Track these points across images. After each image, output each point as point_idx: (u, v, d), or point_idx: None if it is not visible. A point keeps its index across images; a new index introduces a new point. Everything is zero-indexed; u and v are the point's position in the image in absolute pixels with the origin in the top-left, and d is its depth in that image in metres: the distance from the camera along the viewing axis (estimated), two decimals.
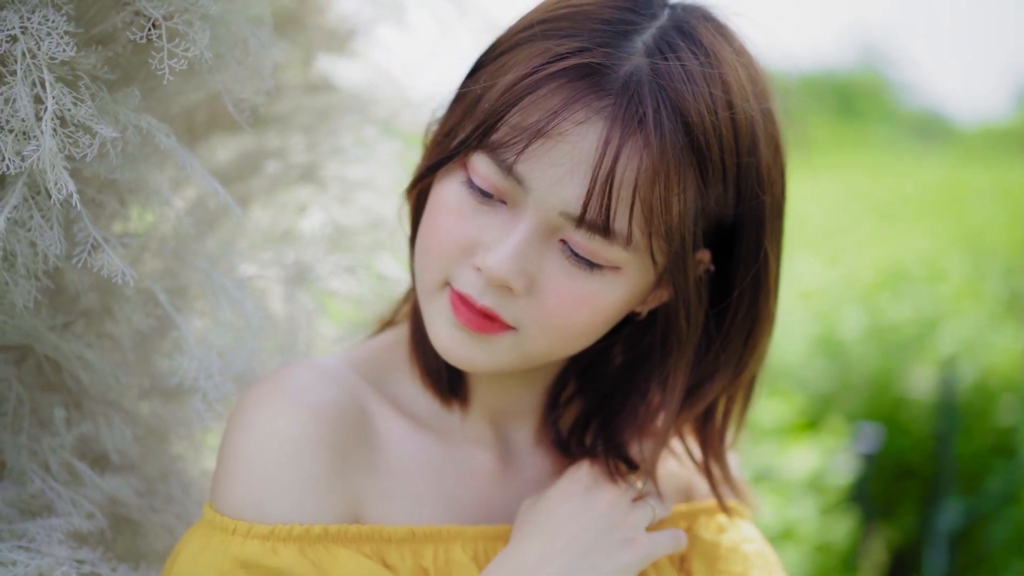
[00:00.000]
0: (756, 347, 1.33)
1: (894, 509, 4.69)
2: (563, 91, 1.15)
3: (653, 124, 1.14)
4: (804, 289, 5.47)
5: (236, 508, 1.22)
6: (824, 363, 4.74)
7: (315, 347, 1.65)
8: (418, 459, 1.32)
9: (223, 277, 1.42)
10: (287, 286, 1.62)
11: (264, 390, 1.26)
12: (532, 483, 1.39)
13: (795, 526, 3.13)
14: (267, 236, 1.66)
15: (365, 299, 1.68)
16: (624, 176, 1.14)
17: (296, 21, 1.69)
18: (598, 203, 1.14)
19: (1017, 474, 4.79)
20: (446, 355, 1.26)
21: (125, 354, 1.42)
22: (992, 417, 4.77)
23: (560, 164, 1.15)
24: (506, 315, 1.21)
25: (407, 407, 1.34)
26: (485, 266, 1.18)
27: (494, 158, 1.18)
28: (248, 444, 1.23)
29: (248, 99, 1.38)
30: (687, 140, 1.16)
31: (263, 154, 1.69)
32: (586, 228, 1.16)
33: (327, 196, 1.68)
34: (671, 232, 1.17)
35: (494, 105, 1.18)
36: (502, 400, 1.37)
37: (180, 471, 1.48)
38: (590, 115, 1.15)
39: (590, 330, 1.25)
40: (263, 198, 1.69)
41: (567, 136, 1.15)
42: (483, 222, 1.21)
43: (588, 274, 1.20)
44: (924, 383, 4.71)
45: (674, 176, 1.15)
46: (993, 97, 75.40)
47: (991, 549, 4.61)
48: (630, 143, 1.14)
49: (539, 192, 1.17)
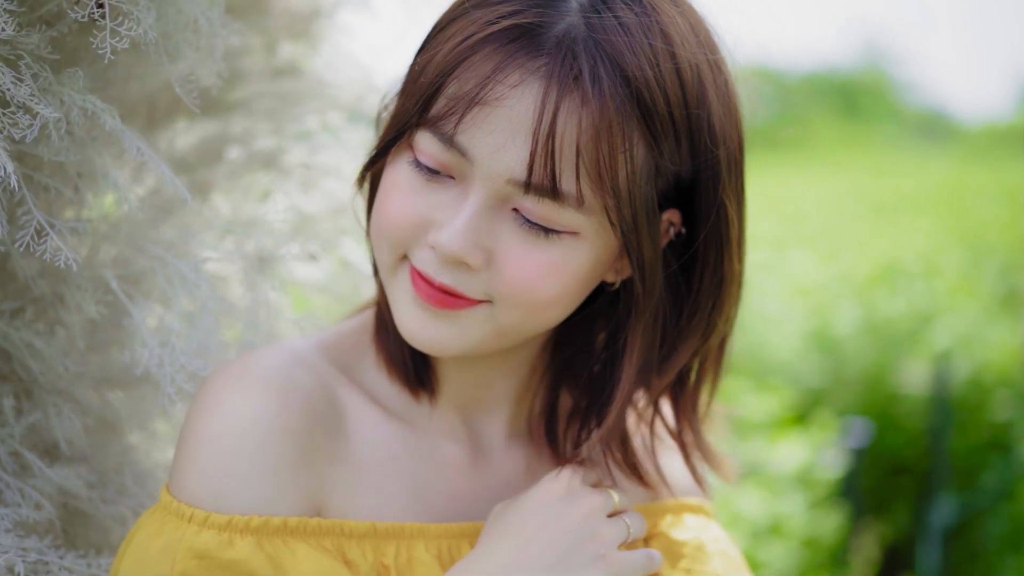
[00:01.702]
0: (724, 307, 1.29)
1: (887, 504, 4.68)
2: (496, 55, 1.13)
3: (590, 80, 1.11)
4: (800, 285, 5.45)
5: (193, 495, 1.18)
6: (818, 358, 4.73)
7: (277, 335, 1.62)
8: (387, 450, 1.28)
9: (179, 262, 1.39)
10: (248, 273, 1.59)
11: (230, 374, 1.23)
12: (503, 479, 1.35)
13: (783, 521, 3.10)
14: (229, 223, 1.64)
15: (328, 286, 1.65)
16: (565, 135, 1.11)
17: (259, 5, 1.66)
18: (542, 166, 1.12)
19: (1012, 470, 4.78)
20: (412, 339, 1.22)
21: (76, 343, 1.40)
22: (987, 412, 4.76)
23: (500, 130, 1.13)
24: (468, 290, 1.18)
25: (376, 395, 1.31)
26: (438, 243, 1.16)
27: (435, 133, 1.16)
28: (209, 429, 1.19)
29: (200, 82, 1.35)
30: (628, 94, 1.13)
31: (226, 140, 1.66)
32: (534, 193, 1.14)
33: (290, 182, 1.65)
34: (622, 190, 1.14)
35: (430, 79, 1.16)
36: (472, 392, 1.34)
37: (134, 462, 1.45)
38: (525, 76, 1.12)
39: (559, 301, 1.21)
40: (226, 184, 1.66)
41: (504, 101, 1.12)
42: (433, 200, 1.18)
43: (546, 241, 1.17)
44: (918, 378, 4.69)
45: (618, 131, 1.12)
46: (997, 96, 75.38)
47: (985, 545, 4.59)
48: (567, 101, 1.11)
49: (483, 161, 1.14)
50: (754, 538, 2.90)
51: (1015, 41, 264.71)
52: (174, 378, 1.30)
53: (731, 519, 2.90)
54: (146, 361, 1.31)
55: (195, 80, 1.34)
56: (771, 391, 3.86)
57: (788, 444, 3.35)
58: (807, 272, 5.66)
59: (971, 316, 5.07)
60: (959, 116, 49.33)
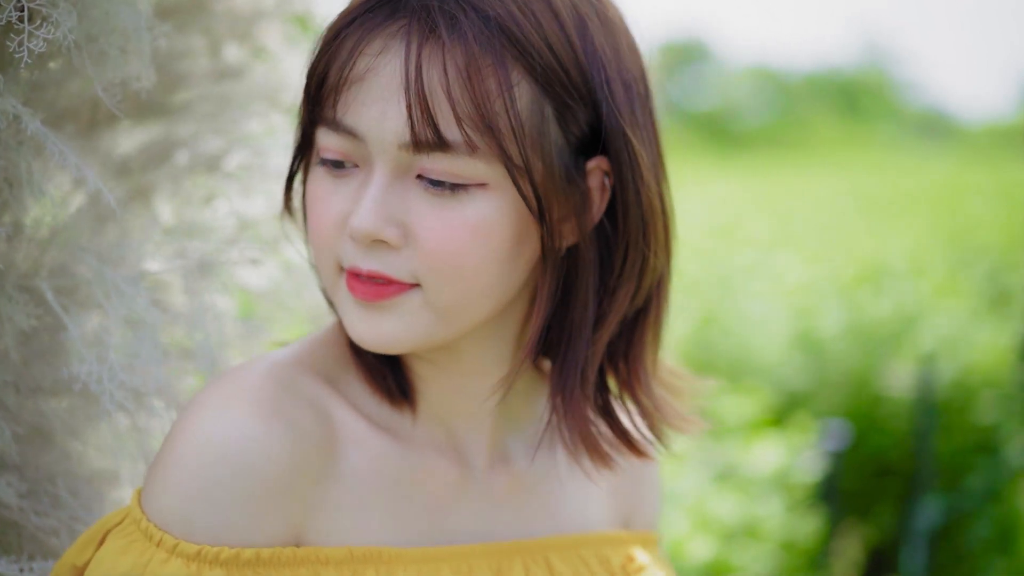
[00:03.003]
0: (651, 243, 1.25)
1: (872, 506, 4.66)
2: (359, 31, 1.15)
3: (449, 28, 1.12)
4: (787, 286, 5.44)
5: (163, 516, 1.15)
6: (803, 360, 4.72)
7: (221, 341, 1.61)
8: (374, 464, 1.25)
9: (114, 274, 1.37)
10: (190, 278, 1.58)
11: (215, 393, 1.19)
12: (489, 494, 1.33)
13: (759, 523, 3.09)
14: (171, 227, 1.62)
15: (272, 291, 1.64)
16: (434, 85, 1.11)
17: (201, 6, 1.65)
18: (421, 121, 1.12)
19: (1000, 472, 4.76)
20: (362, 342, 1.21)
21: (8, 351, 1.38)
22: (972, 414, 4.75)
23: (378, 99, 1.14)
24: (397, 273, 1.17)
25: (361, 408, 1.28)
26: (351, 228, 1.15)
27: (325, 124, 1.17)
28: (187, 451, 1.16)
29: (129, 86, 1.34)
30: (494, 33, 1.13)
31: (169, 144, 1.64)
32: (426, 150, 1.13)
33: (233, 186, 1.64)
34: (504, 128, 1.13)
35: (311, 76, 1.18)
36: (452, 400, 1.30)
37: (68, 472, 1.43)
38: (387, 42, 1.13)
39: (489, 267, 1.18)
40: (168, 188, 1.64)
41: (375, 71, 1.14)
42: (344, 193, 1.18)
43: (455, 199, 1.15)
44: (903, 380, 4.68)
45: (490, 71, 1.12)
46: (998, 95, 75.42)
47: (971, 547, 4.58)
48: (428, 51, 1.12)
49: (372, 135, 1.15)
50: (725, 541, 2.89)
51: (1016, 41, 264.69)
52: (113, 394, 1.29)
53: (703, 522, 2.89)
54: (84, 377, 1.29)
55: (121, 84, 1.32)
56: (748, 393, 3.84)
57: (765, 446, 3.33)
58: (794, 273, 5.65)
59: (958, 317, 5.05)
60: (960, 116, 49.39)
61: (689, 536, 2.78)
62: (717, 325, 4.89)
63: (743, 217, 8.56)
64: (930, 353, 4.69)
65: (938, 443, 4.60)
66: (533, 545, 1.33)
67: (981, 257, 6.68)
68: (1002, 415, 4.78)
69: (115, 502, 1.48)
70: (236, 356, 1.61)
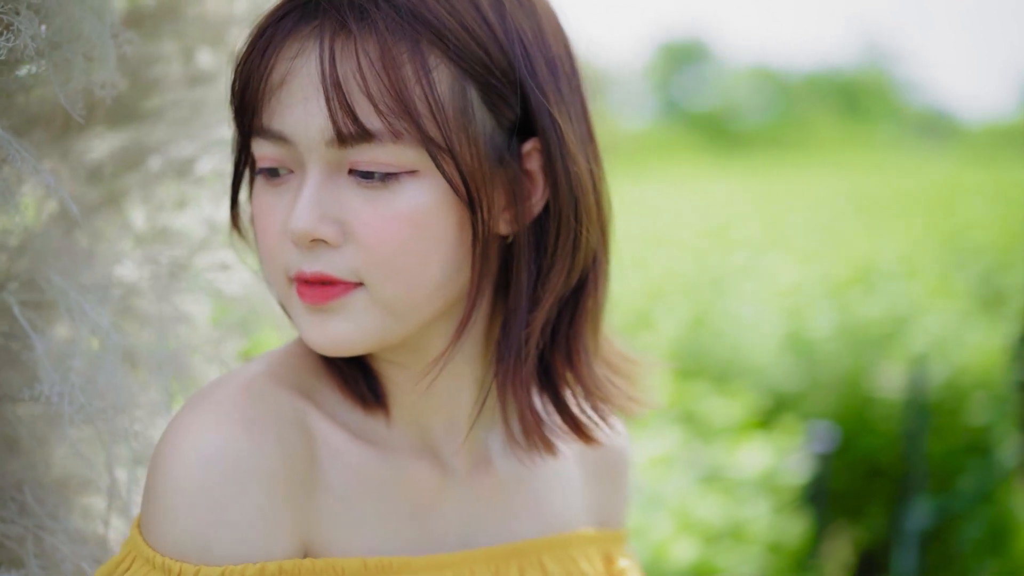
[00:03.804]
0: (582, 223, 1.24)
1: (863, 508, 4.66)
2: (275, 38, 1.17)
3: (358, 19, 1.14)
4: (779, 288, 5.44)
5: (178, 548, 1.13)
6: (793, 361, 4.71)
7: (192, 346, 1.61)
8: (359, 474, 1.24)
9: (80, 290, 1.37)
10: (160, 283, 1.58)
11: (199, 414, 1.17)
12: (473, 495, 1.32)
13: (745, 525, 3.09)
14: (144, 233, 1.62)
15: (242, 296, 1.64)
16: (348, 76, 1.13)
17: (173, 12, 1.65)
18: (341, 114, 1.13)
19: (992, 473, 4.76)
20: (316, 346, 1.20)
21: None
22: (964, 415, 4.74)
23: (300, 100, 1.15)
24: (340, 272, 1.17)
25: (339, 417, 1.27)
26: (289, 231, 1.16)
27: (256, 133, 1.19)
28: (188, 475, 1.13)
29: (95, 93, 1.34)
30: (405, 18, 1.14)
31: (141, 149, 1.64)
32: (351, 143, 1.14)
33: (204, 191, 1.64)
34: (422, 110, 1.14)
35: (234, 88, 1.21)
36: (424, 403, 1.29)
37: (34, 480, 1.43)
38: (303, 44, 1.15)
39: (430, 258, 1.17)
40: (140, 194, 1.64)
41: (294, 73, 1.15)
42: (284, 201, 1.19)
43: (387, 190, 1.15)
44: (894, 381, 4.68)
45: (404, 57, 1.13)
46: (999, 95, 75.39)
47: (962, 549, 4.58)
48: (340, 45, 1.14)
49: (299, 135, 1.16)
50: (709, 542, 2.89)
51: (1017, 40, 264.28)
52: (73, 417, 1.29)
53: (687, 523, 2.89)
54: (48, 392, 1.29)
55: (85, 91, 1.32)
56: (735, 396, 3.84)
57: (751, 449, 3.33)
58: (786, 274, 5.64)
59: (948, 318, 5.05)
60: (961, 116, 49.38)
61: (673, 538, 2.77)
62: (708, 326, 4.89)
63: (739, 218, 8.56)
64: (922, 354, 4.68)
65: (930, 444, 4.60)
66: (527, 547, 1.33)
67: (976, 258, 6.67)
68: (994, 416, 4.78)
69: (82, 509, 1.48)
70: (207, 361, 1.61)
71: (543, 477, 1.38)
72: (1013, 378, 5.22)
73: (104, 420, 1.38)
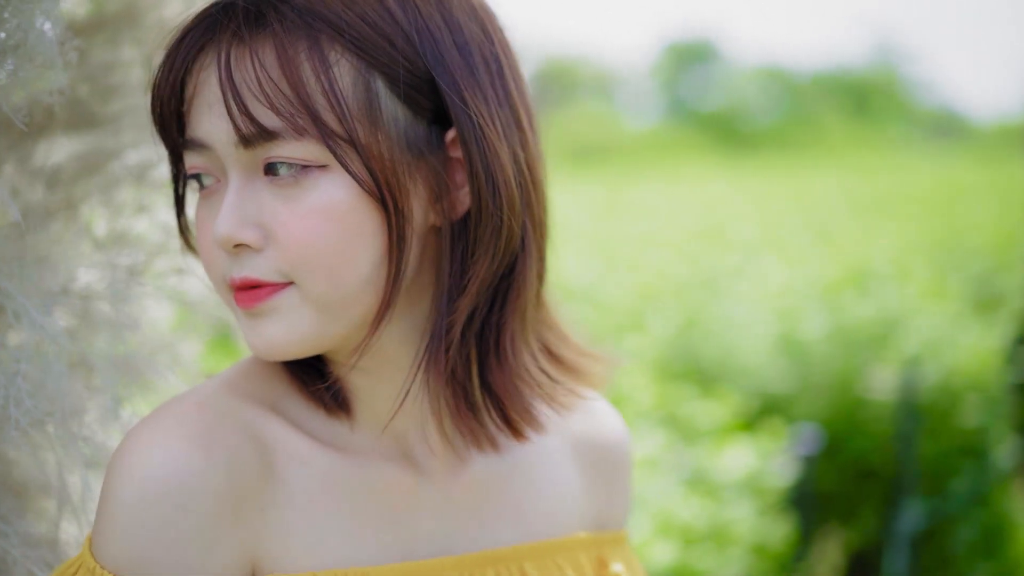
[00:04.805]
0: (503, 210, 1.22)
1: (854, 510, 4.65)
2: (184, 56, 1.20)
3: (255, 25, 1.16)
4: (772, 289, 5.43)
5: (117, 563, 1.14)
6: (786, 363, 4.70)
7: (150, 350, 1.61)
8: (324, 482, 1.23)
9: (26, 300, 1.37)
10: (117, 288, 1.58)
11: (149, 430, 1.17)
12: (447, 496, 1.30)
13: (728, 527, 3.08)
14: (102, 238, 1.63)
15: (199, 301, 1.65)
16: (244, 80, 1.15)
17: (133, 18, 1.66)
18: (240, 116, 1.15)
19: (986, 475, 4.75)
20: (257, 351, 1.20)
21: None
22: (956, 417, 4.73)
23: (209, 109, 1.18)
24: (264, 274, 1.17)
25: (302, 424, 1.26)
26: (214, 237, 1.18)
27: (183, 145, 1.22)
28: (131, 492, 1.14)
29: (44, 99, 1.34)
30: (301, 16, 1.16)
31: (101, 154, 1.65)
32: (256, 144, 1.16)
33: (162, 197, 1.65)
34: (319, 104, 1.15)
35: (154, 108, 1.24)
36: (390, 404, 1.27)
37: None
38: (205, 56, 1.19)
39: (352, 247, 1.16)
40: (98, 199, 1.65)
41: (202, 85, 1.19)
42: (214, 209, 1.21)
43: (299, 188, 1.16)
44: (886, 382, 4.66)
45: (303, 55, 1.15)
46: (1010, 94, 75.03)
47: (955, 551, 4.56)
48: (235, 51, 1.16)
49: (212, 140, 1.18)
50: (690, 544, 2.88)
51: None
52: (19, 421, 1.29)
53: (667, 525, 2.88)
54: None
55: (31, 100, 1.33)
56: (720, 398, 3.83)
57: (735, 451, 3.32)
58: (779, 276, 5.63)
59: (940, 320, 5.03)
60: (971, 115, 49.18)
61: (652, 540, 2.77)
62: (700, 327, 4.88)
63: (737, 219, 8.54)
64: (914, 356, 4.67)
65: (922, 446, 4.59)
66: (506, 554, 1.31)
67: (972, 259, 6.65)
68: (988, 418, 4.76)
69: (38, 512, 1.49)
70: (164, 366, 1.62)
71: (528, 479, 1.36)
72: (1008, 380, 5.20)
73: (54, 424, 1.39)
